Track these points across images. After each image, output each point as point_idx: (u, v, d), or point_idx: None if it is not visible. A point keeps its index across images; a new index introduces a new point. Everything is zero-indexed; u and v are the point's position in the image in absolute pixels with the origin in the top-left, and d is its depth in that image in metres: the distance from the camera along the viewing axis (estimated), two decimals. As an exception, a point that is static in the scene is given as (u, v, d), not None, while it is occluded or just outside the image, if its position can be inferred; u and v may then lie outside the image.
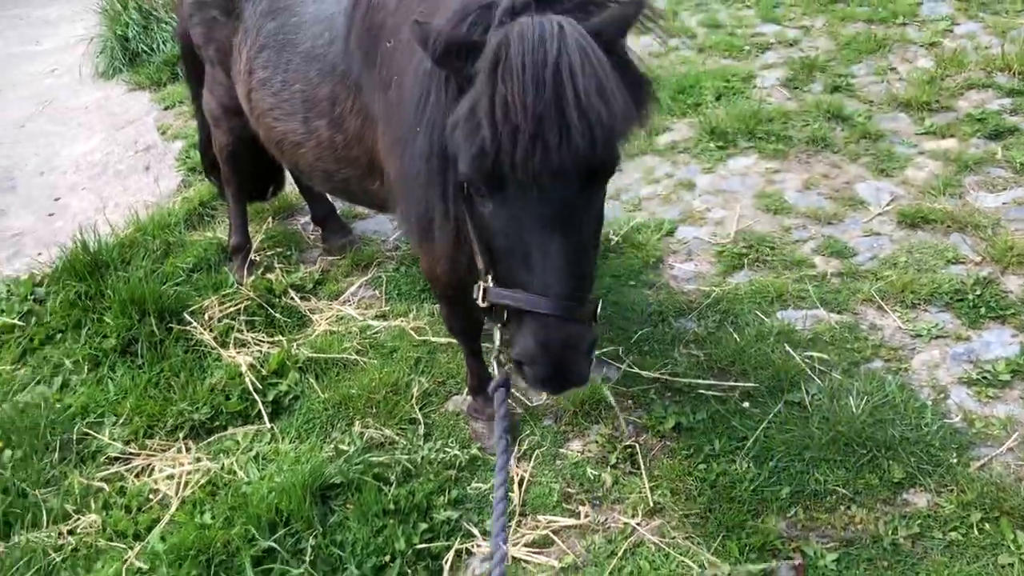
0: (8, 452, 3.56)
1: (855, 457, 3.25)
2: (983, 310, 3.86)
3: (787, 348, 3.77)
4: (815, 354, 3.71)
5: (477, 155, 1.89)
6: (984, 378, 3.54)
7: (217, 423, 3.72)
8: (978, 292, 3.94)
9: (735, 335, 3.90)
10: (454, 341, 3.81)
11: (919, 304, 3.98)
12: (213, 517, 3.19)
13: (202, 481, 3.39)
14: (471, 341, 3.40)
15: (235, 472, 3.41)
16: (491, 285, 2.14)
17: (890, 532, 2.97)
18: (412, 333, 4.10)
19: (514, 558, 3.02)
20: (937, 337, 3.79)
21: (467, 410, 3.61)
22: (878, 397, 3.48)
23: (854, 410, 3.41)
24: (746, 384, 3.62)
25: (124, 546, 3.16)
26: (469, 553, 3.09)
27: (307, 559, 3.01)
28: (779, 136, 5.37)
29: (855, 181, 4.93)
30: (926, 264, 4.20)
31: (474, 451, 3.46)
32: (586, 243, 2.08)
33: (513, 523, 3.15)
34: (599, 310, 2.14)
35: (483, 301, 2.16)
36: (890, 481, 3.15)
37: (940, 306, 3.95)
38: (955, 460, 3.18)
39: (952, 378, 3.58)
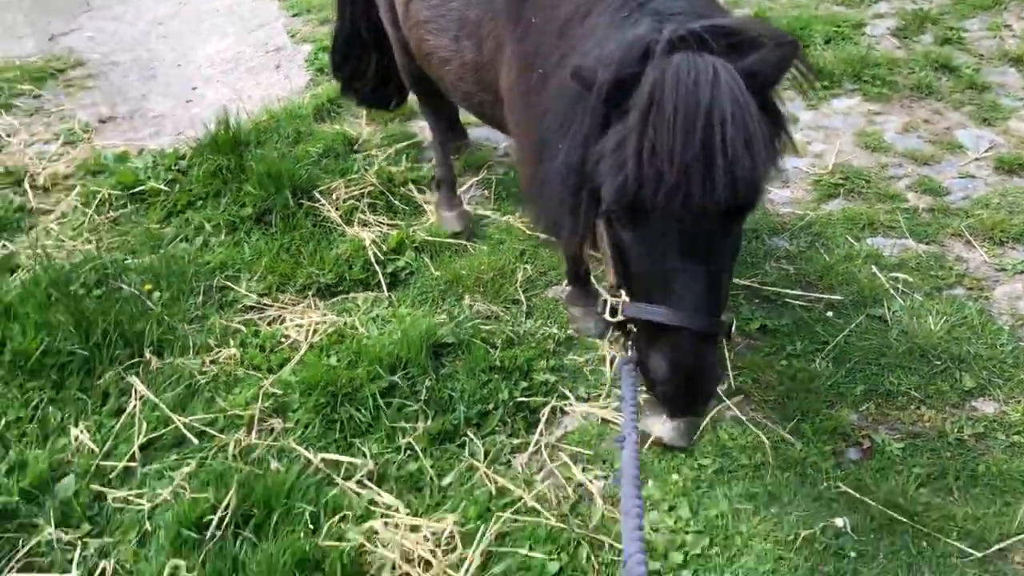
0: (157, 293, 4.01)
1: (929, 367, 3.48)
2: (1072, 250, 4.02)
3: (873, 269, 3.99)
4: (900, 275, 3.92)
5: (620, 190, 1.94)
6: (1065, 309, 3.71)
7: (341, 288, 4.11)
8: (1068, 234, 4.09)
9: (824, 254, 4.12)
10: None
11: (1007, 242, 4.14)
12: (338, 360, 3.58)
13: (328, 331, 3.79)
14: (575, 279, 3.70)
15: (357, 328, 3.80)
16: (626, 300, 2.17)
17: (955, 430, 3.20)
18: (520, 227, 4.42)
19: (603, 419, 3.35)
20: (1022, 272, 3.96)
21: (565, 297, 3.92)
22: (956, 318, 3.68)
23: (932, 327, 3.63)
24: (831, 297, 3.85)
25: (259, 376, 3.58)
26: (563, 412, 3.42)
27: (422, 398, 3.39)
28: (884, 81, 5.49)
29: (956, 128, 5.05)
30: (1018, 207, 4.34)
31: (570, 332, 3.78)
32: (724, 270, 2.13)
33: (605, 390, 3.47)
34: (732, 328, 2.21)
35: (614, 316, 2.20)
36: (960, 389, 3.37)
37: (1028, 244, 4.11)
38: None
39: (1032, 308, 3.76)
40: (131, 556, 2.90)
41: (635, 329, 2.20)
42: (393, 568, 2.80)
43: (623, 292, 2.18)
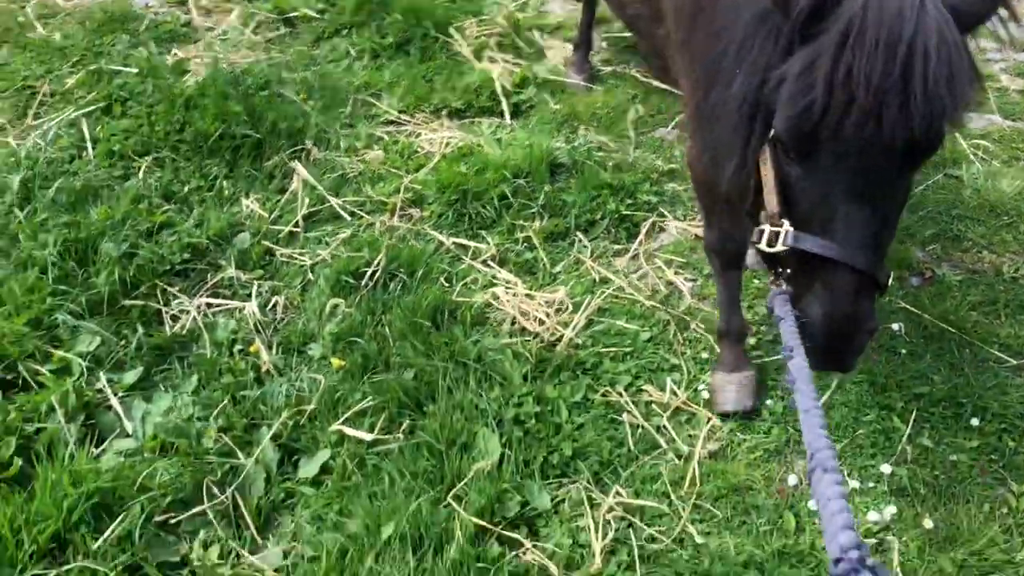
0: (311, 102, 4.57)
1: (996, 220, 3.87)
2: None
3: (957, 136, 4.33)
4: (981, 142, 4.27)
5: (800, 115, 1.81)
6: None
7: (468, 113, 4.63)
8: None
9: (913, 122, 4.47)
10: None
11: (1089, 124, 4.44)
12: (467, 168, 4.11)
13: (458, 145, 4.32)
14: (726, 265, 3.06)
15: (482, 146, 4.32)
16: (789, 229, 1.94)
17: (1012, 271, 3.61)
18: (634, 75, 4.85)
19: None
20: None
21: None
22: (1030, 183, 4.04)
23: (1005, 188, 4.00)
24: (914, 156, 4.22)
25: (400, 174, 4.15)
26: (661, 229, 3.92)
27: (539, 203, 3.92)
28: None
29: (1059, 22, 5.25)
30: (1107, 93, 4.61)
31: (674, 164, 4.24)
32: (893, 215, 1.97)
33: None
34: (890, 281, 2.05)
35: (772, 246, 1.96)
36: (1022, 239, 3.76)
37: (1110, 128, 4.40)
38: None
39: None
40: (298, 295, 3.53)
41: (791, 267, 2.02)
42: (512, 323, 3.37)
43: (786, 222, 1.96)
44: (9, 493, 2.60)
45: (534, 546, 2.57)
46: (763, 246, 1.98)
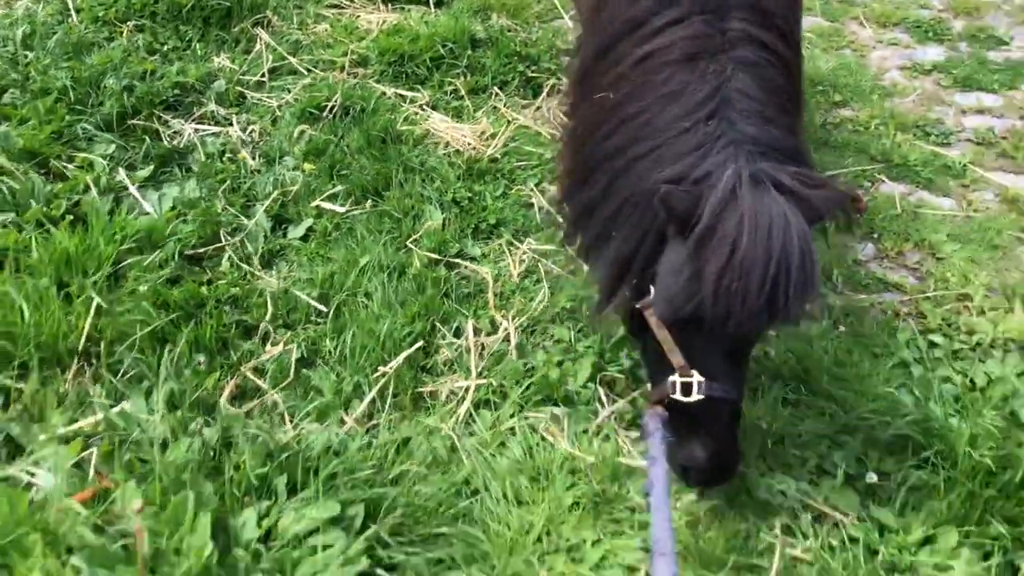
0: (264, -13, 5.36)
1: (814, 88, 5.04)
2: (931, 34, 5.57)
3: (790, 30, 5.51)
4: (808, 35, 5.45)
5: (681, 309, 2.15)
6: (915, 68, 5.28)
7: (399, 2, 5.51)
8: (932, 25, 5.63)
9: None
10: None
11: (887, 26, 5.68)
12: (402, 38, 5.01)
13: (393, 23, 5.21)
14: None
15: (412, 24, 5.22)
16: (701, 379, 2.24)
17: (822, 123, 4.78)
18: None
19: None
20: (892, 44, 5.51)
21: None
22: (839, 63, 5.23)
23: (822, 67, 5.18)
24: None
25: (346, 42, 5.01)
26: (560, 90, 4.92)
27: (463, 64, 4.86)
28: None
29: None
30: (903, 5, 5.87)
31: (569, 45, 5.24)
32: (750, 360, 2.47)
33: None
34: None
35: (688, 395, 2.24)
36: (832, 100, 4.94)
37: (902, 29, 5.65)
38: (875, 96, 4.97)
39: (893, 66, 5.32)
40: (270, 124, 4.39)
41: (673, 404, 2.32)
42: (447, 145, 4.32)
43: (695, 372, 2.24)
44: (70, 233, 3.39)
45: (469, 267, 3.55)
46: (680, 396, 2.25)
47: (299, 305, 3.32)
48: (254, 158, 4.12)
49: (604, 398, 3.03)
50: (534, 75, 4.93)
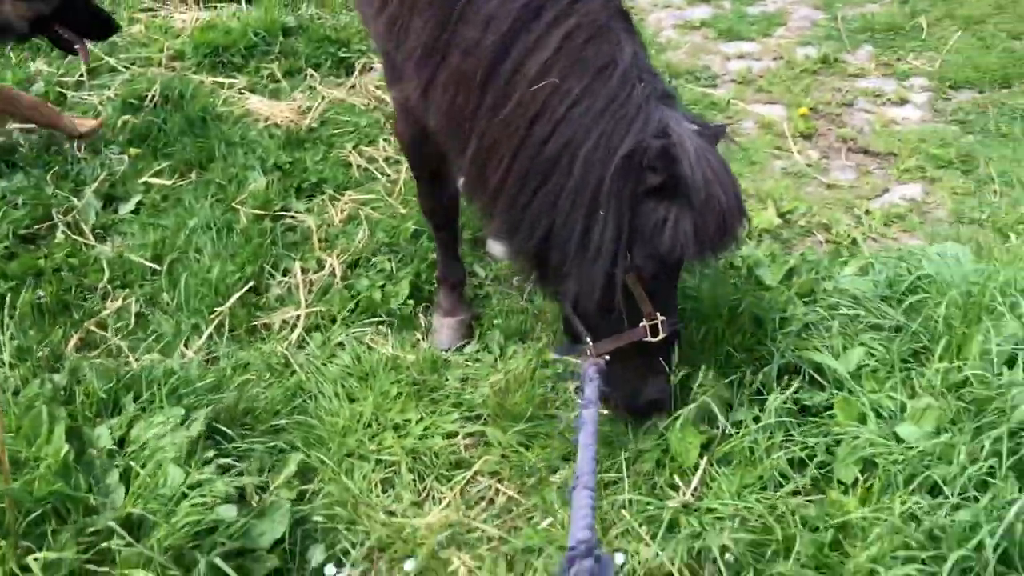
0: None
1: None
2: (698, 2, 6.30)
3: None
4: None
5: (669, 258, 2.34)
6: (686, 25, 5.95)
7: (211, 2, 5.79)
8: (701, -11, 6.37)
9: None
10: None
11: (664, -8, 6.37)
12: (216, 31, 5.30)
13: (206, 19, 5.48)
14: (438, 228, 3.32)
15: (224, 20, 5.50)
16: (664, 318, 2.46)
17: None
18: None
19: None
20: (667, 7, 6.19)
21: (436, 303, 3.45)
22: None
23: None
24: None
25: (162, 39, 5.25)
26: (371, 68, 5.32)
27: (276, 50, 5.19)
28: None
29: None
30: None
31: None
32: None
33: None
34: None
35: (656, 335, 2.47)
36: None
37: (676, -6, 6.36)
38: (653, 51, 5.60)
39: (668, 25, 5.99)
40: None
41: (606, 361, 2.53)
42: (266, 120, 4.64)
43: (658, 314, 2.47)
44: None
45: (295, 218, 3.90)
46: (651, 338, 2.47)
47: (134, 267, 3.57)
48: (80, 150, 4.32)
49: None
50: (345, 56, 5.32)
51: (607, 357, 2.55)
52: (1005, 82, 5.31)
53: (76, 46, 4.10)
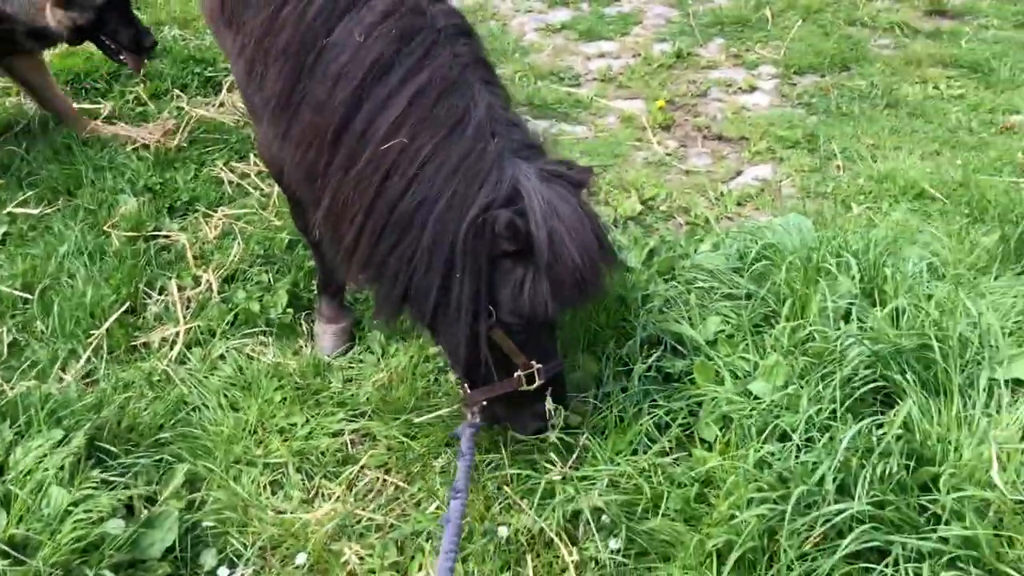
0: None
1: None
2: (559, 1, 6.52)
3: None
4: (456, 12, 6.20)
5: (534, 316, 2.35)
6: (548, 28, 6.17)
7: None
8: (560, -7, 6.61)
9: None
10: None
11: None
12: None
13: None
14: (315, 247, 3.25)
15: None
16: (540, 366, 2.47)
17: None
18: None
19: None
20: (528, 12, 6.40)
21: (317, 311, 3.45)
22: (486, 32, 6.02)
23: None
24: None
25: (19, 69, 5.14)
26: (239, 84, 5.33)
27: (140, 77, 5.14)
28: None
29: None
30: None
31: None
32: None
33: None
34: None
35: (532, 383, 2.48)
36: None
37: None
38: (517, 54, 5.78)
39: (530, 29, 6.20)
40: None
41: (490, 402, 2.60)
42: (135, 143, 4.60)
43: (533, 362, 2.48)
44: None
45: (169, 237, 3.90)
46: (527, 386, 2.48)
47: (3, 298, 3.52)
48: (-68, 191, 4.21)
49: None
50: (212, 75, 5.31)
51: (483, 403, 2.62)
52: (844, 65, 5.71)
53: (122, 56, 4.41)
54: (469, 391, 2.61)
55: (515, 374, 2.48)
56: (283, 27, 2.43)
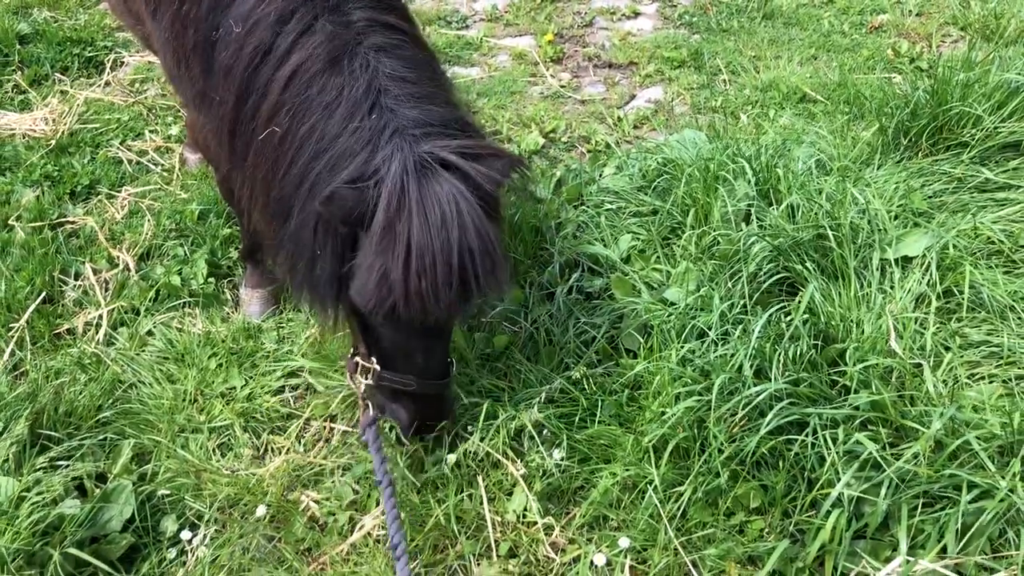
0: None
1: None
2: None
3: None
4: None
5: (380, 307, 2.10)
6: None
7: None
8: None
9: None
10: None
11: None
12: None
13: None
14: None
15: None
16: (377, 367, 2.38)
17: None
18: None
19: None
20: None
21: (243, 280, 3.50)
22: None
23: None
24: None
25: None
26: (123, 63, 5.21)
27: (15, 60, 4.98)
28: None
29: None
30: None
31: (121, 25, 5.50)
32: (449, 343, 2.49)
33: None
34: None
35: (370, 379, 2.41)
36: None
37: None
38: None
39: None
40: None
41: (375, 386, 2.45)
42: (24, 136, 4.48)
43: (374, 360, 2.39)
44: None
45: (75, 223, 3.85)
46: (359, 377, 2.44)
47: (-90, 306, 3.44)
48: None
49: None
50: (93, 54, 5.16)
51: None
52: (720, -17, 5.89)
53: None
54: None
55: (353, 360, 2.49)
56: (186, 25, 2.48)
